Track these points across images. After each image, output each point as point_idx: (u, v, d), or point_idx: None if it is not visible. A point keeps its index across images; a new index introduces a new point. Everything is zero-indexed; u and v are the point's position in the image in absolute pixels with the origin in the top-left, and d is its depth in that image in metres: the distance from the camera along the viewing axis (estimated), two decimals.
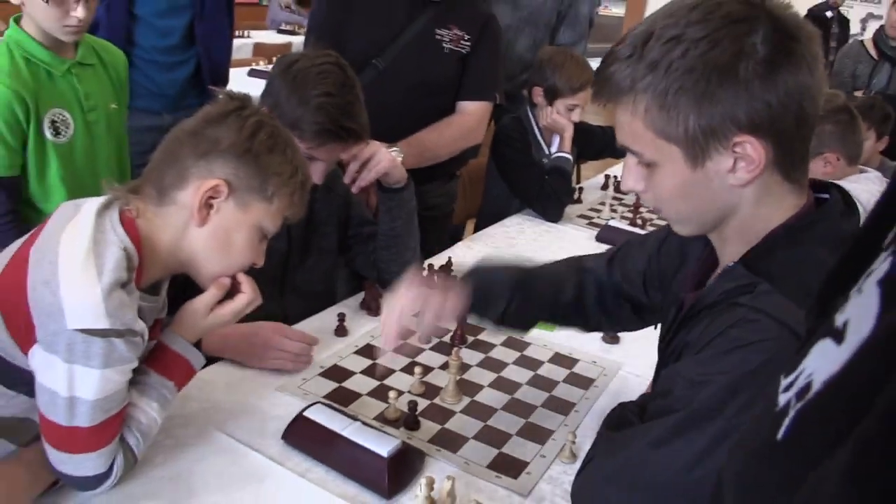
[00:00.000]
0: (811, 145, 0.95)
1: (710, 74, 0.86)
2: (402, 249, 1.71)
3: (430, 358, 1.49)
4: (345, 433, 1.15)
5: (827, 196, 0.97)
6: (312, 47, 1.62)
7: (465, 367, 1.48)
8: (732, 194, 0.95)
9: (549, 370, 1.52)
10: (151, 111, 2.24)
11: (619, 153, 2.81)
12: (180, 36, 2.27)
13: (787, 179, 0.95)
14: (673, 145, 0.94)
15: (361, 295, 1.75)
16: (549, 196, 2.44)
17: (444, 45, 2.07)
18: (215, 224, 1.07)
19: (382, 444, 1.13)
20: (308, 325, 1.59)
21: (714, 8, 0.87)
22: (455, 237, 2.58)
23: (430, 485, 1.04)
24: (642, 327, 1.31)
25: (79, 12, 1.66)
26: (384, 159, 1.62)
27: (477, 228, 2.61)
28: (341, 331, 1.57)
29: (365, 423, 1.19)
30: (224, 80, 2.41)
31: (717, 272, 1.00)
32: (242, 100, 1.09)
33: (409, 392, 1.35)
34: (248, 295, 1.13)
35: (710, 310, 0.95)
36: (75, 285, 0.94)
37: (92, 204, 1.03)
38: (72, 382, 0.96)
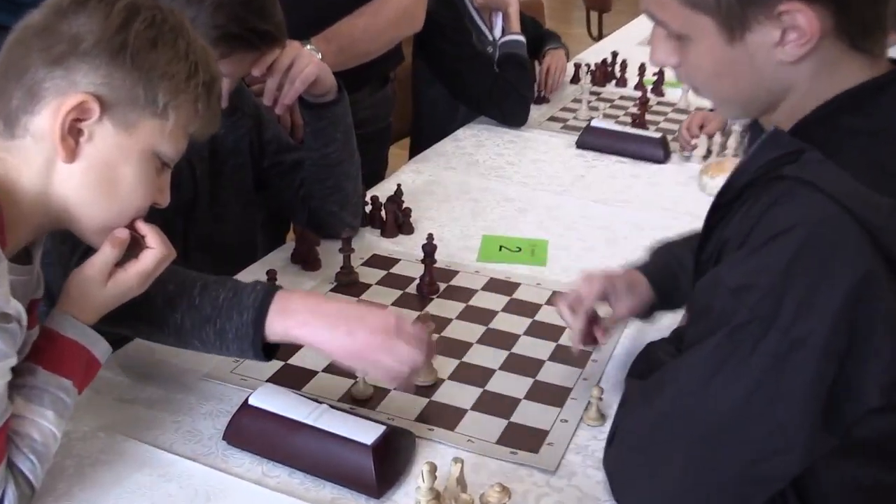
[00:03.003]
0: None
1: None
2: (341, 181, 1.66)
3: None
4: (310, 421, 1.11)
5: None
6: None
7: (443, 324, 1.46)
8: (783, 72, 0.95)
9: (550, 314, 1.50)
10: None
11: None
12: None
13: (855, 48, 0.95)
14: (704, 15, 0.95)
15: (290, 246, 1.70)
16: (507, 94, 2.41)
17: None
18: (90, 156, 1.00)
19: (363, 431, 1.10)
20: None
21: None
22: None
23: (433, 472, 1.01)
24: None
25: None
26: (309, 63, 1.55)
27: (414, 148, 2.58)
28: None
29: (333, 406, 1.16)
30: None
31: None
32: None
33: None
34: (157, 249, 1.07)
35: (749, 190, 0.95)
36: None
37: None
38: None
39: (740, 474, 0.91)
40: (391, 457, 1.10)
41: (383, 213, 1.81)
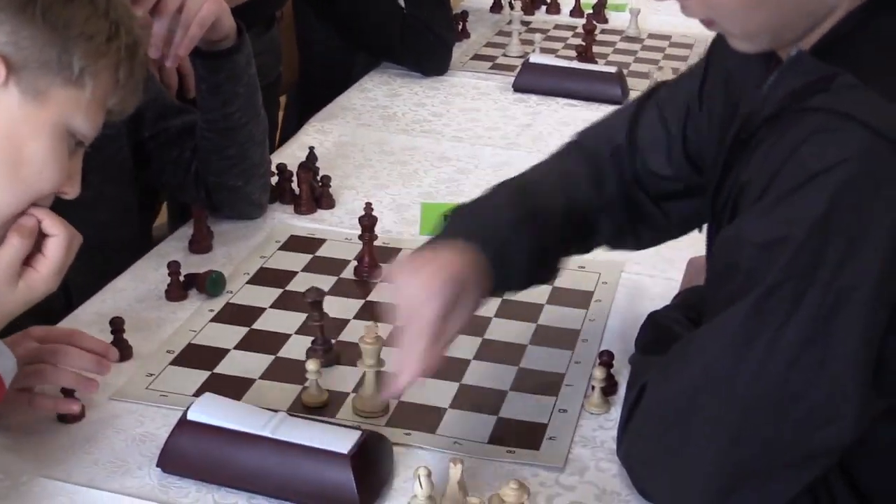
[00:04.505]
0: None
1: None
2: (246, 148, 1.72)
3: (331, 307, 1.53)
4: (268, 433, 1.18)
5: None
6: None
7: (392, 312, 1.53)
8: None
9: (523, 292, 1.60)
10: None
11: None
12: None
13: None
14: None
15: (185, 231, 1.75)
16: (421, 36, 2.48)
17: None
18: None
19: (336, 439, 1.17)
20: (116, 296, 1.58)
21: None
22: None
23: (430, 477, 1.10)
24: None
25: None
26: (205, 1, 1.59)
27: (306, 102, 2.63)
28: (176, 291, 1.58)
29: (292, 414, 1.23)
30: None
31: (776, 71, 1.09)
32: None
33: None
34: (61, 235, 1.12)
35: (769, 127, 1.04)
36: None
37: None
38: None
39: (786, 450, 1.01)
40: (372, 466, 1.18)
41: (295, 184, 1.87)
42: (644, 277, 1.66)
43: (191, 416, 1.22)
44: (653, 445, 1.12)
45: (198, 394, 1.35)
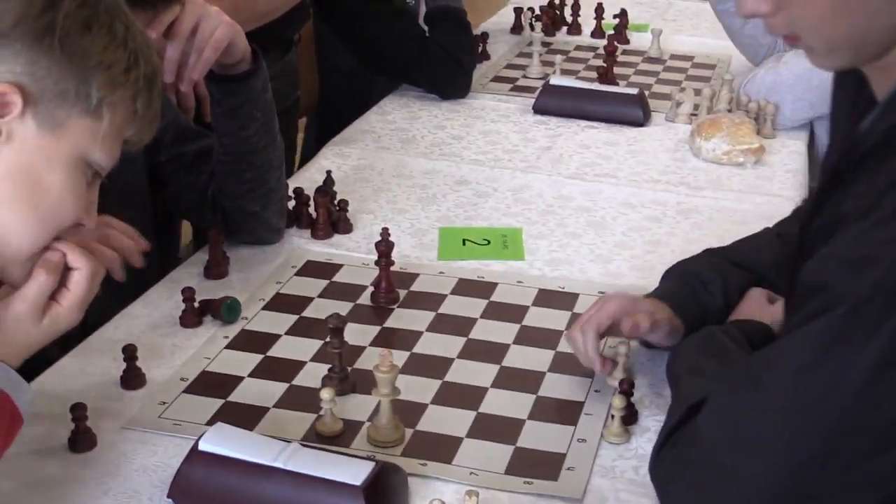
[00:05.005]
0: None
1: None
2: (263, 172, 1.71)
3: (347, 333, 1.50)
4: (280, 464, 1.16)
5: None
6: None
7: (412, 338, 1.53)
8: None
9: (540, 317, 1.59)
10: None
11: None
12: None
13: None
14: None
15: (201, 256, 1.74)
16: (440, 62, 2.48)
17: None
18: (8, 161, 1.05)
19: (349, 471, 1.15)
20: (129, 322, 1.58)
21: None
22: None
23: None
24: None
25: None
26: (219, 24, 1.59)
27: (325, 126, 2.63)
28: (191, 318, 1.57)
29: (305, 445, 1.21)
30: None
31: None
32: None
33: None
34: (84, 269, 1.12)
35: (871, 159, 1.04)
36: None
37: None
38: None
39: (856, 472, 0.99)
40: (386, 498, 1.16)
41: (312, 208, 1.86)
42: None
43: (202, 446, 1.20)
44: (704, 463, 1.08)
45: (211, 422, 1.33)
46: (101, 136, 1.08)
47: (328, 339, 1.42)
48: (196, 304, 1.57)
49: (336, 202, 1.87)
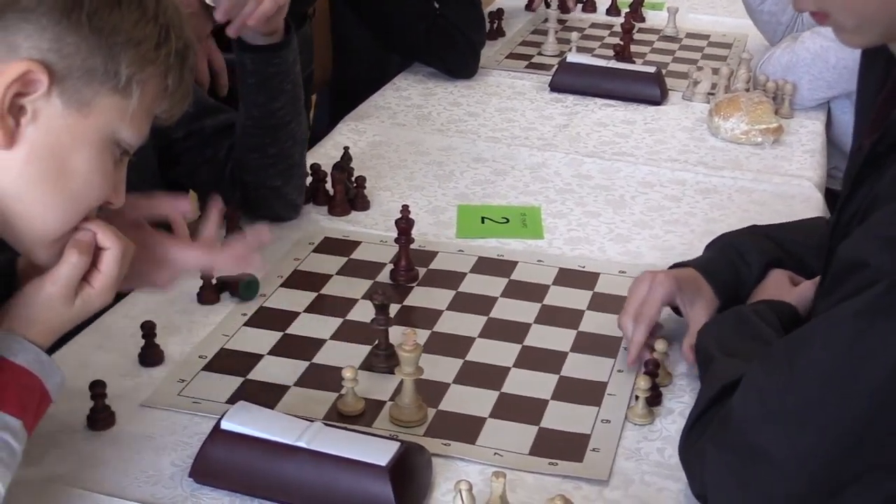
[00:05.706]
0: None
1: None
2: (287, 147, 1.70)
3: (366, 311, 1.49)
4: (303, 443, 1.16)
5: None
6: None
7: (433, 316, 1.52)
8: None
9: (562, 296, 1.59)
10: None
11: None
12: None
13: None
14: None
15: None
16: (450, 39, 2.46)
17: None
18: (34, 141, 1.03)
19: (374, 451, 1.15)
20: (147, 299, 1.56)
21: None
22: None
23: (471, 492, 1.07)
24: None
25: None
26: None
27: (340, 101, 2.62)
28: (209, 294, 1.56)
29: (328, 424, 1.21)
30: None
31: None
32: None
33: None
34: (115, 248, 1.11)
35: None
36: None
37: None
38: None
39: (892, 450, 0.99)
40: (411, 478, 1.16)
41: (329, 185, 1.85)
42: None
43: (224, 425, 1.20)
44: (738, 443, 1.07)
45: (231, 401, 1.33)
46: (129, 114, 1.06)
47: (374, 317, 1.40)
48: (214, 281, 1.56)
49: (353, 179, 1.85)
